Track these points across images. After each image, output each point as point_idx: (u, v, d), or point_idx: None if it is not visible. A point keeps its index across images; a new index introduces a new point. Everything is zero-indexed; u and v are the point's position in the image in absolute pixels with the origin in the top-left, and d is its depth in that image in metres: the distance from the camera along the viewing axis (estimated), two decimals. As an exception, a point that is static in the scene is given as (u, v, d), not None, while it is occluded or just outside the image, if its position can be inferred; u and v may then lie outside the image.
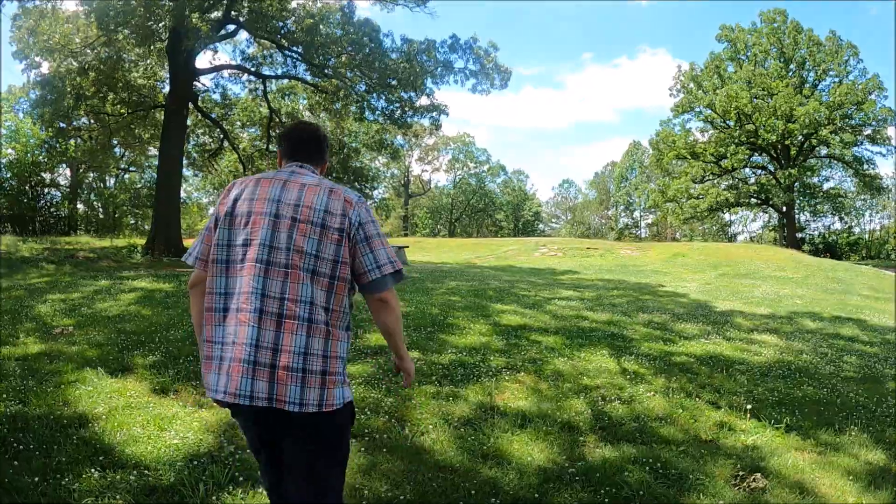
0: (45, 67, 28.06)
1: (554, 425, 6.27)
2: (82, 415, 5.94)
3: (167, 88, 28.53)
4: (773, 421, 6.58)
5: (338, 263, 2.88)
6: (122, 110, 29.72)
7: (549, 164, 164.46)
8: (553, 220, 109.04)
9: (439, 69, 27.75)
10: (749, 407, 6.86)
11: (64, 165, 39.42)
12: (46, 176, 37.66)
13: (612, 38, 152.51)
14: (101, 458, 5.01)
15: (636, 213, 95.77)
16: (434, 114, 28.73)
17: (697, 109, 59.77)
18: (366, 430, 5.98)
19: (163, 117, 27.52)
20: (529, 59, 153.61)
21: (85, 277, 16.11)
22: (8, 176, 33.52)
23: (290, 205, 2.90)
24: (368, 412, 6.48)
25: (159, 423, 5.79)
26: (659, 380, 8.03)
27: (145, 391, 6.80)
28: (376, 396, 6.95)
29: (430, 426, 6.16)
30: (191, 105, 28.07)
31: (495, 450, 5.69)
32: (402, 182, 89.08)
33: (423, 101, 28.35)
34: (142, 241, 27.66)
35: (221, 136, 31.97)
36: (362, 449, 5.62)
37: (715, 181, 59.55)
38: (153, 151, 36.58)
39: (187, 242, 27.35)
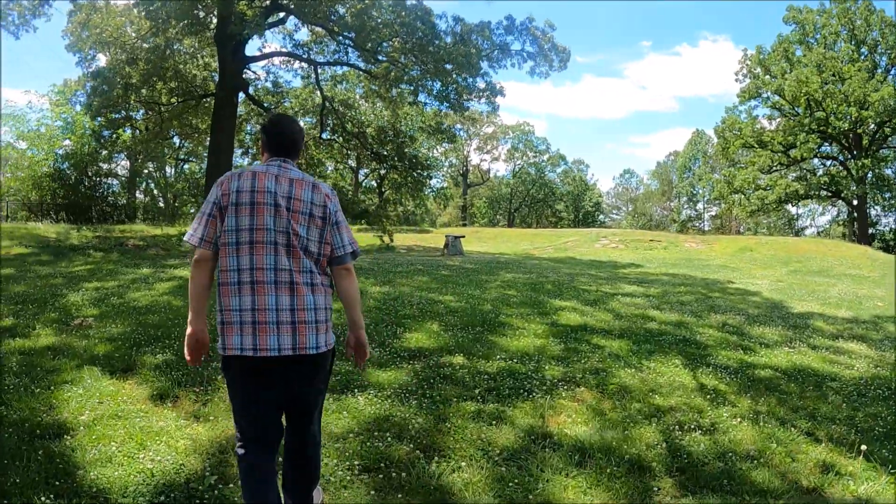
0: (102, 61, 28.09)
1: (620, 464, 4.97)
2: (62, 423, 5.39)
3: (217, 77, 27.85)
4: (888, 465, 5.18)
5: (321, 243, 3.64)
6: (173, 100, 29.27)
7: (609, 155, 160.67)
8: (614, 211, 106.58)
9: (496, 52, 26.37)
10: (864, 448, 5.35)
11: (122, 156, 39.47)
12: (105, 166, 37.81)
13: (671, 26, 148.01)
14: (58, 482, 4.41)
15: (699, 205, 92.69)
16: (490, 95, 27.31)
17: (765, 95, 56.01)
18: (382, 463, 4.86)
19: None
20: (587, 47, 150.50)
21: (128, 266, 15.82)
22: (66, 166, 33.75)
23: (285, 197, 3.55)
24: (390, 437, 5.33)
25: (141, 440, 5.12)
26: (743, 400, 6.67)
27: (142, 396, 6.15)
28: (404, 415, 5.81)
29: (465, 460, 4.95)
30: (242, 94, 27.41)
31: (544, 499, 4.47)
32: (461, 171, 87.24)
33: (479, 83, 27.06)
34: (185, 229, 26.74)
35: (274, 123, 30.91)
36: (373, 490, 4.51)
37: (783, 172, 56.37)
38: (211, 141, 35.76)
39: None
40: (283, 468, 3.94)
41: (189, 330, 3.65)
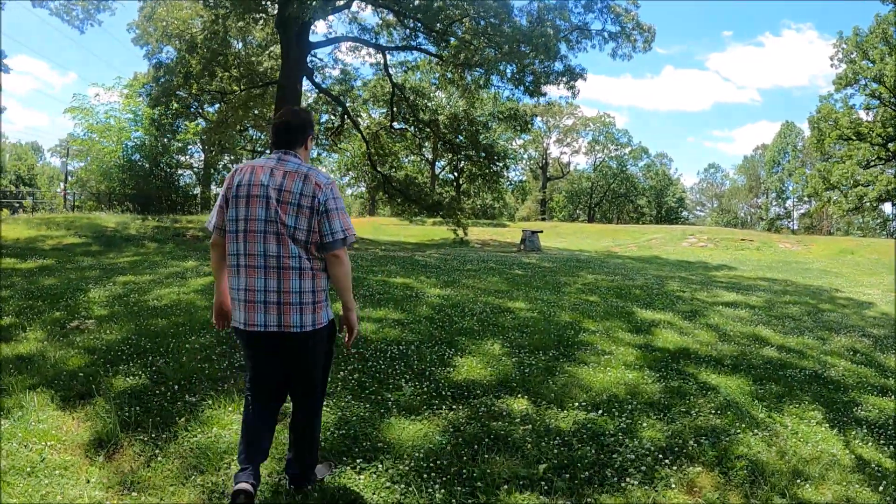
0: (170, 53, 27.47)
1: None
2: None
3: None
4: None
5: (310, 231, 3.77)
6: (236, 88, 28.22)
7: (690, 149, 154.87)
8: (698, 208, 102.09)
9: (574, 34, 24.20)
10: None
11: (195, 147, 39.19)
12: (181, 158, 38.01)
13: (753, 14, 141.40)
14: None
15: (788, 202, 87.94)
16: (569, 79, 25.02)
17: (863, 82, 50.93)
18: None
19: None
20: (667, 38, 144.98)
21: (177, 257, 15.14)
22: (137, 158, 33.68)
23: (276, 189, 3.76)
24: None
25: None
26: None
27: (77, 441, 4.81)
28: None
29: None
30: (308, 82, 26.04)
31: None
32: (540, 164, 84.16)
33: (557, 66, 24.75)
34: None
35: (343, 113, 29.59)
36: None
37: (882, 167, 51.73)
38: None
39: None
40: (288, 441, 4.31)
41: (214, 300, 4.17)
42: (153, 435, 4.85)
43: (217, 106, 31.70)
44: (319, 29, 30.17)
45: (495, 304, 9.73)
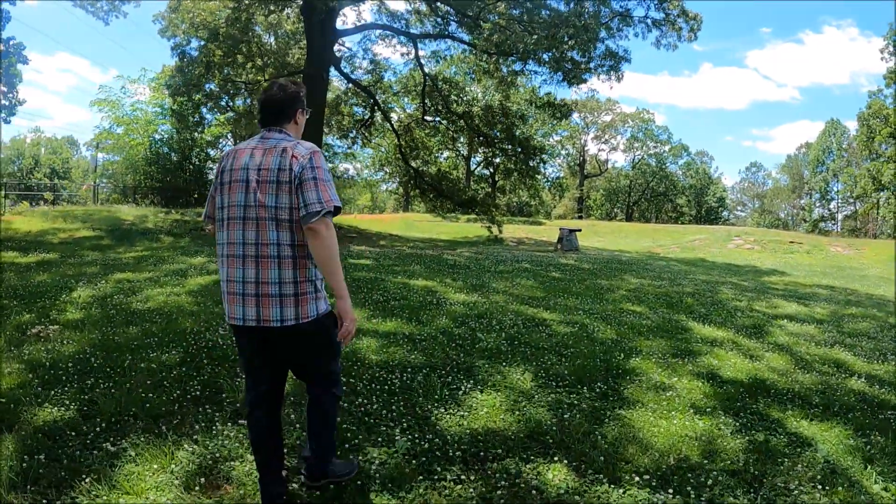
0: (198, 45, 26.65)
1: None
2: None
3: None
4: None
5: (293, 209, 3.31)
6: (260, 77, 27.15)
7: (729, 148, 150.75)
8: (738, 208, 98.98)
9: (615, 21, 22.50)
10: None
11: (226, 141, 38.78)
12: (212, 152, 37.54)
13: (792, 11, 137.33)
14: None
15: (833, 204, 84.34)
16: (612, 65, 23.18)
17: None
18: None
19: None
20: (704, 34, 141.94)
21: (188, 253, 14.42)
22: (165, 151, 33.53)
23: (254, 169, 3.38)
24: None
25: None
26: None
27: None
28: None
29: None
30: (335, 71, 24.90)
31: None
32: (578, 161, 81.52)
33: (598, 46, 22.81)
34: None
35: (372, 104, 28.22)
36: None
37: None
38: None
39: (352, 219, 24.06)
40: None
41: None
42: (43, 502, 3.57)
43: (248, 100, 30.73)
44: (349, 19, 28.83)
45: (528, 315, 8.23)
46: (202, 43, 24.90)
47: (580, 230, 25.98)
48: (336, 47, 24.74)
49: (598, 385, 5.59)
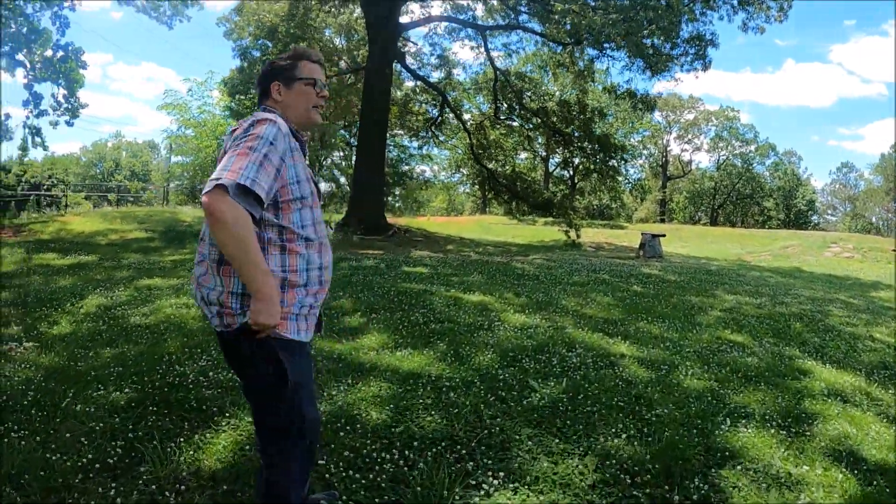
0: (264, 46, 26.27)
1: None
2: None
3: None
4: None
5: None
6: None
7: (815, 148, 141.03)
8: (829, 211, 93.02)
9: (698, 5, 20.15)
10: None
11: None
12: None
13: (876, 2, 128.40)
14: None
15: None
16: (698, 50, 20.81)
17: None
18: None
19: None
20: (785, 29, 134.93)
21: None
22: None
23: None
24: None
25: None
26: None
27: None
28: None
29: None
30: (399, 67, 23.64)
31: None
32: (660, 162, 76.66)
33: (683, 29, 20.60)
34: (339, 217, 23.53)
35: (442, 101, 26.48)
36: None
37: None
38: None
39: (424, 222, 25.37)
40: None
41: None
42: None
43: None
44: (415, 14, 27.32)
45: (600, 349, 6.31)
46: (261, 42, 24.32)
47: (664, 235, 23.62)
48: (401, 43, 23.20)
49: (694, 483, 3.64)
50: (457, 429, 4.21)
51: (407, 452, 3.86)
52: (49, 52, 19.98)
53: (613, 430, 4.29)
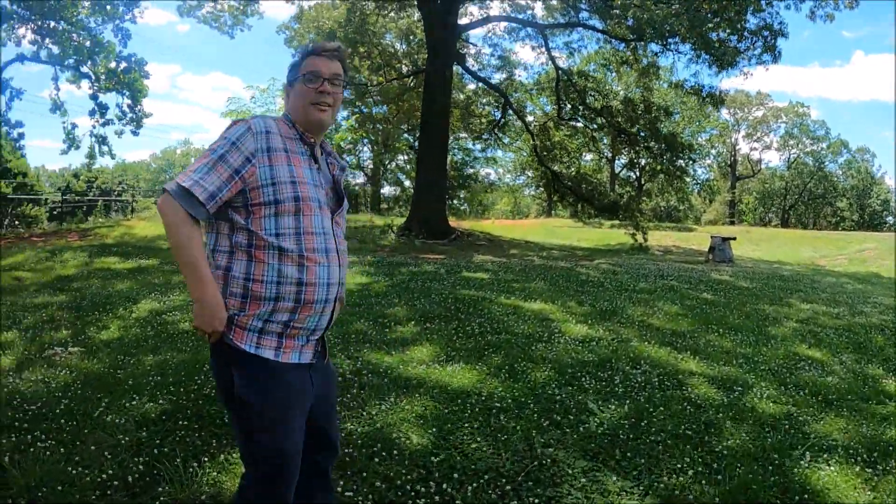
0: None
1: None
2: None
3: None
4: None
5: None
6: (381, 79, 26.26)
7: (888, 143, 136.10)
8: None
9: (763, -6, 19.06)
10: None
11: (366, 148, 38.58)
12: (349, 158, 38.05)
13: None
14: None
15: None
16: (767, 38, 19.57)
17: None
18: None
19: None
20: (852, 19, 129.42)
21: None
22: None
23: None
24: None
25: None
26: None
27: None
28: None
29: None
30: (459, 68, 23.28)
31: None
32: (728, 162, 73.57)
33: (749, 20, 19.59)
34: (401, 221, 23.18)
35: (504, 103, 25.94)
36: None
37: None
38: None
39: (488, 225, 25.05)
40: None
41: None
42: None
43: (385, 107, 29.71)
44: (474, 15, 27.01)
45: (666, 366, 5.81)
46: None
47: (734, 238, 22.69)
48: (460, 45, 22.86)
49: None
50: (504, 458, 3.81)
51: (445, 486, 3.49)
52: (113, 64, 20.73)
53: (679, 464, 3.81)
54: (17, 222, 36.34)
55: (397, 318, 7.57)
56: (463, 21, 23.28)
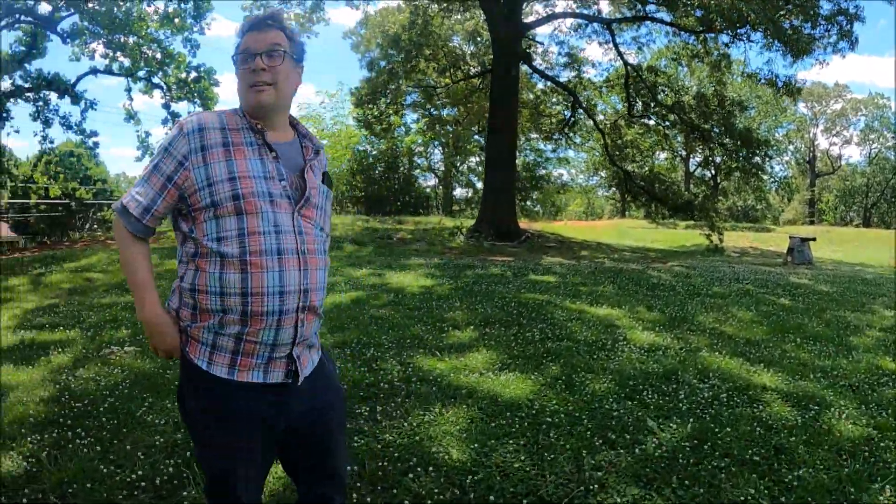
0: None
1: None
2: None
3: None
4: None
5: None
6: (447, 80, 26.18)
7: None
8: None
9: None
10: None
11: (438, 150, 38.76)
12: (422, 161, 38.81)
13: None
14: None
15: None
16: (842, 24, 18.35)
17: None
18: None
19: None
20: None
21: (357, 263, 13.11)
22: (370, 161, 34.12)
23: None
24: None
25: None
26: None
27: None
28: None
29: None
30: (525, 67, 22.91)
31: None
32: (806, 158, 70.20)
33: (823, 5, 18.49)
34: (471, 222, 22.99)
35: (573, 101, 25.41)
36: None
37: None
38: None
39: (560, 226, 24.68)
40: None
41: None
42: None
43: (455, 110, 29.56)
44: (536, 11, 26.53)
45: (737, 379, 5.35)
46: (381, 50, 24.81)
47: (814, 239, 21.68)
48: (526, 43, 22.48)
49: None
50: (547, 481, 3.49)
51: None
52: (183, 74, 21.62)
53: (742, 496, 3.39)
54: (95, 226, 37.57)
55: (456, 323, 7.32)
56: (528, 20, 22.90)
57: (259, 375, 2.10)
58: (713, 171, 53.11)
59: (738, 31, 19.10)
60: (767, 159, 28.85)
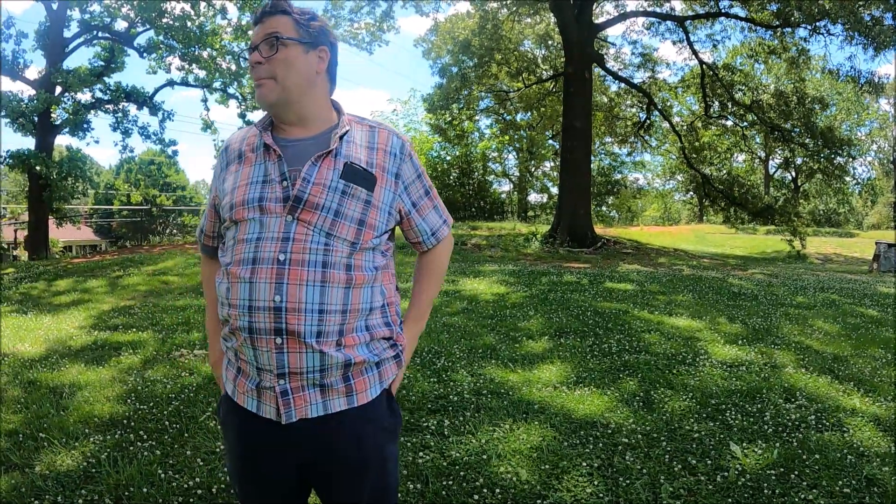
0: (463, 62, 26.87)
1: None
2: None
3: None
4: None
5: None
6: (519, 84, 25.99)
7: None
8: None
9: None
10: None
11: (512, 155, 38.77)
12: (496, 166, 38.43)
13: None
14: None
15: None
16: None
17: None
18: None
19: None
20: None
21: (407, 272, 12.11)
22: (445, 167, 34.11)
23: None
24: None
25: None
26: None
27: None
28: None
29: None
30: (598, 69, 22.39)
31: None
32: (891, 158, 68.26)
33: None
34: (546, 228, 22.59)
35: (648, 103, 24.82)
36: None
37: None
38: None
39: (636, 232, 24.46)
40: None
41: None
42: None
43: (529, 114, 29.31)
44: (607, 11, 25.92)
45: (823, 399, 4.97)
46: (451, 56, 24.68)
47: (903, 245, 20.70)
48: (598, 45, 22.03)
49: None
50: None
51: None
52: None
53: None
54: (174, 231, 38.75)
55: (530, 332, 7.11)
56: (599, 20, 22.46)
57: (253, 404, 1.84)
58: (794, 174, 51.39)
59: (817, 24, 18.28)
60: (850, 160, 27.65)
